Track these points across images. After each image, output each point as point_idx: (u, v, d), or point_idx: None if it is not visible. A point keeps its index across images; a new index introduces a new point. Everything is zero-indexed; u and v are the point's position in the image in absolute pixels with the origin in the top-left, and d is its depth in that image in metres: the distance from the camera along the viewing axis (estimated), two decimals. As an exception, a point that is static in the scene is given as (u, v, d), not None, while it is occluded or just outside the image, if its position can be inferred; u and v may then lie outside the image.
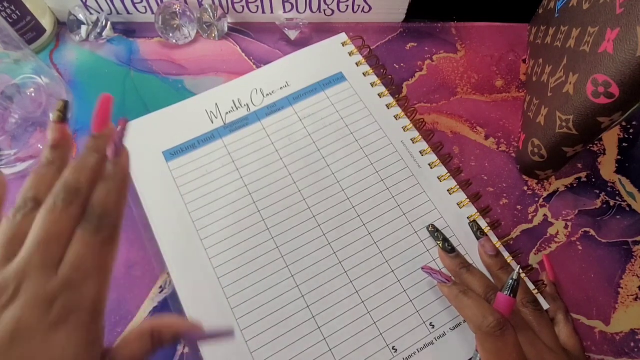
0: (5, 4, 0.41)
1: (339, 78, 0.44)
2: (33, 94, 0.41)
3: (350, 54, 0.45)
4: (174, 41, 0.47)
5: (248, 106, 0.42)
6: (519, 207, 0.41)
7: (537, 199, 0.42)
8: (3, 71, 0.39)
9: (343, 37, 0.46)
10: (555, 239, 0.40)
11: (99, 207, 0.22)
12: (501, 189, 0.42)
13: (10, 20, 0.42)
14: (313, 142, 0.41)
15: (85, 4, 0.46)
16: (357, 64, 0.45)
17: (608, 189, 0.43)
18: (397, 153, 0.41)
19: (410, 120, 0.42)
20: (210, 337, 0.26)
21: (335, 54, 0.45)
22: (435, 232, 0.37)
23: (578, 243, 0.40)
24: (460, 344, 0.34)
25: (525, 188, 0.42)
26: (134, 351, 0.23)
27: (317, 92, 0.43)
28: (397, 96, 0.44)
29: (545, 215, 0.41)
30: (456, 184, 0.39)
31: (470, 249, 0.37)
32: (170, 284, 0.37)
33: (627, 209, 0.42)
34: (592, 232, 0.41)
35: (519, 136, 0.44)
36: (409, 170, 0.40)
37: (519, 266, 0.31)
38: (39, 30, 0.45)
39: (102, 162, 0.23)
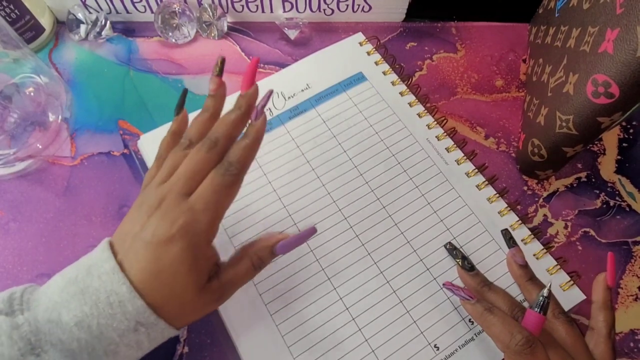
0: (4, 3, 0.41)
1: (359, 78, 0.44)
2: (32, 93, 0.41)
3: (368, 53, 0.45)
4: (174, 40, 0.47)
5: (270, 110, 0.42)
6: (518, 207, 0.41)
7: (536, 199, 0.42)
8: (2, 70, 0.39)
9: (360, 36, 0.46)
10: (555, 239, 0.40)
11: (231, 157, 0.27)
12: (501, 188, 0.42)
13: (9, 19, 0.42)
14: (339, 144, 0.41)
15: (84, 3, 0.46)
16: (376, 63, 0.45)
17: (608, 189, 0.43)
18: (423, 151, 0.41)
19: (433, 118, 0.42)
20: (299, 241, 0.29)
21: (353, 54, 0.45)
22: (453, 250, 0.36)
23: (578, 243, 0.40)
24: None
25: (525, 188, 0.42)
26: (237, 273, 0.28)
27: (338, 93, 0.43)
28: (416, 94, 0.44)
29: (545, 215, 0.41)
30: (484, 179, 0.40)
31: (505, 245, 0.36)
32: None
33: (627, 209, 0.42)
34: (592, 232, 0.41)
35: (519, 136, 0.44)
36: (436, 167, 0.40)
37: (550, 282, 0.29)
38: (38, 29, 0.45)
39: (243, 118, 0.29)
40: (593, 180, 0.43)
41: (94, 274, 0.26)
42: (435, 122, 0.42)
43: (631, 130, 0.45)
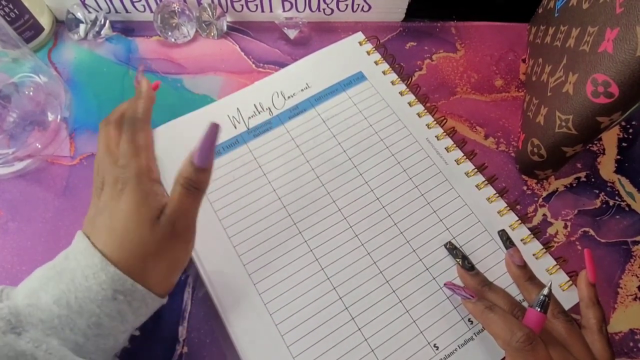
0: (4, 2, 0.41)
1: (359, 77, 0.44)
2: (31, 93, 0.41)
3: (368, 52, 0.45)
4: (173, 40, 0.47)
5: (270, 110, 0.42)
6: (518, 206, 0.41)
7: (536, 199, 0.42)
8: (1, 70, 0.39)
9: (360, 36, 0.46)
10: (555, 239, 0.40)
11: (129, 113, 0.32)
12: (500, 188, 0.42)
13: (8, 19, 0.42)
14: (338, 144, 0.41)
15: (83, 3, 0.46)
16: (376, 63, 0.45)
17: (607, 188, 0.43)
18: (422, 151, 0.41)
19: (433, 118, 0.42)
20: (206, 142, 0.28)
21: (353, 53, 0.45)
22: (453, 249, 0.36)
23: (577, 243, 0.40)
24: None
25: (525, 188, 0.42)
26: (174, 201, 0.29)
27: (338, 93, 0.43)
28: (416, 94, 0.44)
29: (544, 215, 0.41)
30: (484, 179, 0.40)
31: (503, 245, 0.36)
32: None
33: (627, 208, 0.42)
34: (592, 232, 0.41)
35: (519, 136, 0.44)
36: (436, 167, 0.40)
37: (550, 282, 0.29)
38: (37, 28, 0.45)
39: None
40: (592, 180, 0.43)
41: (70, 258, 0.28)
42: (435, 122, 0.42)
43: (631, 130, 0.45)
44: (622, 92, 0.30)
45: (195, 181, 0.28)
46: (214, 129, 0.28)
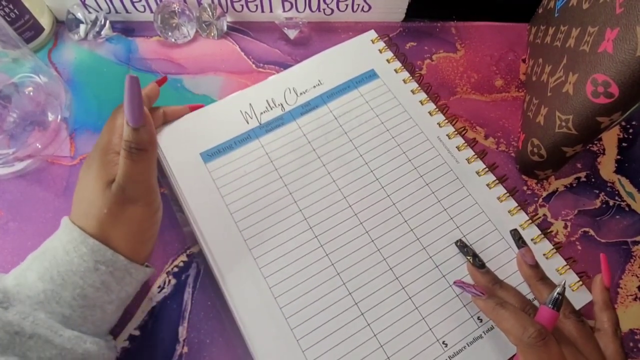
0: (4, 3, 0.41)
1: (371, 75, 0.44)
2: (31, 93, 0.41)
3: (381, 50, 0.45)
4: (173, 40, 0.47)
5: (282, 106, 0.42)
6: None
7: (536, 199, 0.42)
8: (1, 70, 0.39)
9: (372, 34, 0.46)
10: (555, 239, 0.40)
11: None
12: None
13: (9, 19, 0.42)
14: (350, 141, 0.41)
15: (83, 3, 0.46)
16: (388, 61, 0.45)
17: (607, 188, 0.43)
18: (434, 149, 0.41)
19: (445, 116, 0.42)
20: (130, 98, 0.28)
21: (365, 51, 0.45)
22: (464, 247, 0.36)
23: (577, 243, 0.40)
24: None
25: (525, 188, 0.42)
26: (120, 166, 0.29)
27: (350, 90, 0.43)
28: (428, 92, 0.44)
29: (544, 215, 0.41)
30: (495, 178, 0.39)
31: (515, 244, 0.36)
32: (169, 283, 0.37)
33: (627, 208, 0.42)
34: (592, 232, 0.41)
35: (519, 136, 0.44)
36: (447, 165, 0.40)
37: (564, 280, 0.29)
38: (37, 28, 0.45)
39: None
40: (592, 180, 0.43)
41: (54, 238, 0.30)
42: (446, 121, 0.42)
43: (631, 130, 0.45)
44: (622, 92, 0.30)
45: (134, 141, 0.28)
46: (132, 82, 0.27)
